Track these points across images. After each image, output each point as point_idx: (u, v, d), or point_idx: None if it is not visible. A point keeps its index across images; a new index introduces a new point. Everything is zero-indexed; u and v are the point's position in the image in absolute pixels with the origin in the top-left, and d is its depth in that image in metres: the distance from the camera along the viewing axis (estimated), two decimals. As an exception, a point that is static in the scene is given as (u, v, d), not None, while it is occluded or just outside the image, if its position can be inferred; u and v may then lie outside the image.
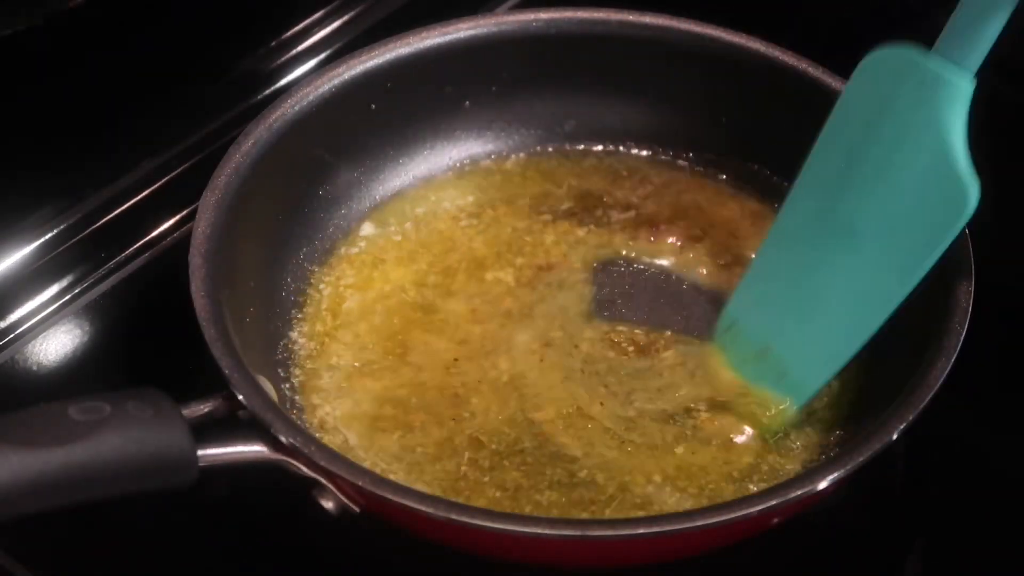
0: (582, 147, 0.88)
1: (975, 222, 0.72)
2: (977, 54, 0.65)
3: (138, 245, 0.86)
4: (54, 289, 0.83)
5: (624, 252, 0.82)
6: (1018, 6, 0.62)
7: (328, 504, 0.65)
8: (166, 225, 0.87)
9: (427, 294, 0.80)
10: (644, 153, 0.88)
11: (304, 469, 0.64)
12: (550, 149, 0.88)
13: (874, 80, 0.69)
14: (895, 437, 0.64)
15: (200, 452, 0.62)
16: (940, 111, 0.64)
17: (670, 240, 0.82)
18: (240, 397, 0.64)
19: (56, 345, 0.81)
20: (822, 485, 0.62)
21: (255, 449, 0.64)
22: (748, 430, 0.72)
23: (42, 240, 0.84)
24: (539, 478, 0.71)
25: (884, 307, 0.67)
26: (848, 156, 0.68)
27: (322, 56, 0.96)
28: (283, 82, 0.94)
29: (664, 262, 0.82)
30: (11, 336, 0.81)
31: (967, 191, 0.63)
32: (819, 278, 0.70)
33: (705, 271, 0.81)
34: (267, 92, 0.93)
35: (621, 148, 0.88)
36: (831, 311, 0.70)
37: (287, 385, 0.75)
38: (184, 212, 0.86)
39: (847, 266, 0.68)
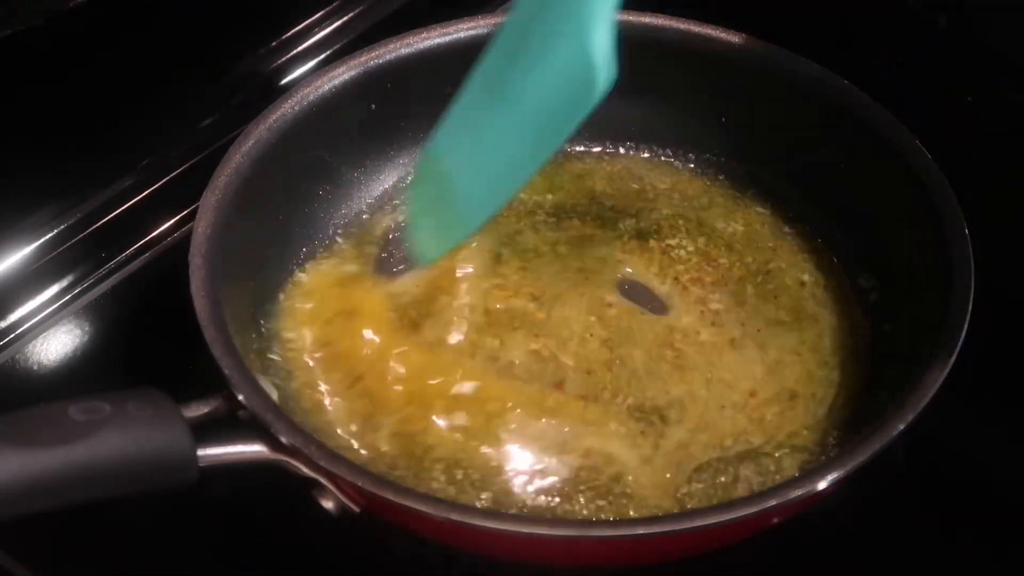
0: (582, 148, 0.88)
1: (975, 222, 0.73)
2: None
3: (138, 245, 0.86)
4: (54, 289, 0.83)
5: (624, 253, 0.82)
6: None
7: (328, 504, 0.65)
8: (166, 225, 0.87)
9: (429, 289, 0.80)
10: (644, 154, 0.88)
11: (304, 469, 0.64)
12: (550, 149, 0.88)
13: None
14: (895, 437, 0.64)
15: (200, 452, 0.62)
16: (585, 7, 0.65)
17: (668, 242, 0.82)
18: (240, 397, 0.64)
19: (56, 345, 0.81)
20: (822, 485, 0.63)
21: (255, 449, 0.64)
22: None
23: (42, 240, 0.84)
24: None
25: (528, 167, 0.68)
26: (515, 43, 0.69)
27: (322, 56, 0.96)
28: (283, 82, 0.94)
29: (658, 264, 0.81)
30: (11, 336, 0.81)
31: (597, 77, 0.64)
32: (488, 130, 0.71)
33: (699, 274, 0.81)
34: (267, 92, 0.93)
35: (621, 149, 0.88)
36: (491, 163, 0.71)
37: (286, 385, 0.75)
38: (184, 212, 0.86)
39: (505, 126, 0.69)
